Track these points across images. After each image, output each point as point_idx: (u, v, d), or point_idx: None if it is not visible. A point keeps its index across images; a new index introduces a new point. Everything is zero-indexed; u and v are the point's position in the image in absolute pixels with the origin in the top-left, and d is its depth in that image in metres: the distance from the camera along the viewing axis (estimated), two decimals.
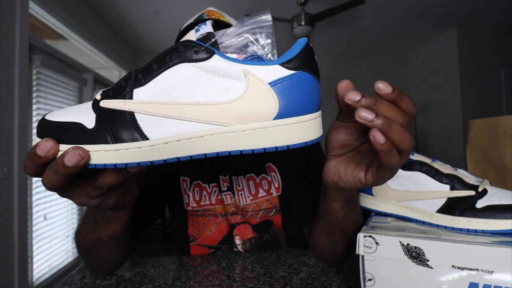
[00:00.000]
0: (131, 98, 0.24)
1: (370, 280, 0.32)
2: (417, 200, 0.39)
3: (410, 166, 0.40)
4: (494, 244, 0.28)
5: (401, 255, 0.30)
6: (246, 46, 0.25)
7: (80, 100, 2.23)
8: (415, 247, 0.30)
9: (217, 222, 0.66)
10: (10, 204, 1.48)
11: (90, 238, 0.44)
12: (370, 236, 0.32)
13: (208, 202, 0.67)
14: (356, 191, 0.44)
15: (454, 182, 0.38)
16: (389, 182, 0.42)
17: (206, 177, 0.68)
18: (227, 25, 0.62)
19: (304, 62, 0.24)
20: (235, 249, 0.66)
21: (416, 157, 0.41)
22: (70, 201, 2.04)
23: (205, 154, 0.25)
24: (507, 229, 0.32)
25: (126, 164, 0.24)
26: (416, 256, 0.30)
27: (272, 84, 0.24)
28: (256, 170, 0.67)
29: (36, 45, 1.70)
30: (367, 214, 0.45)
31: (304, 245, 0.65)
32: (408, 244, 0.30)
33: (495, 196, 0.35)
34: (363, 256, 0.32)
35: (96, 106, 0.26)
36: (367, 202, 0.44)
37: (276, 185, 0.67)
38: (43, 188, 1.75)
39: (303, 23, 2.36)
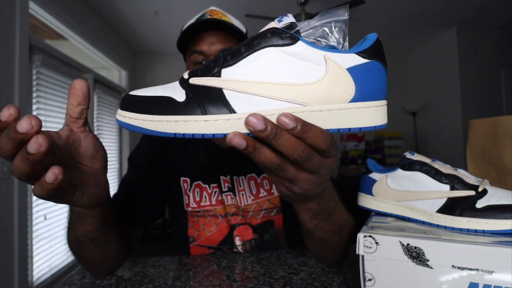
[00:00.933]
0: (219, 76, 0.27)
1: (370, 280, 0.32)
2: (417, 200, 0.39)
3: (410, 166, 0.40)
4: (494, 244, 0.28)
5: (401, 255, 0.30)
6: (322, 36, 0.28)
7: None
8: (415, 247, 0.30)
9: (217, 223, 0.66)
10: (10, 204, 1.48)
11: (70, 236, 0.44)
12: (370, 236, 0.32)
13: (208, 203, 0.66)
14: (331, 203, 0.40)
15: (454, 182, 0.37)
16: (389, 182, 0.42)
17: (206, 177, 0.68)
18: (229, 25, 0.62)
19: (377, 53, 0.27)
20: (235, 250, 0.66)
21: (416, 157, 0.41)
22: None
23: None
24: (507, 229, 0.32)
25: (213, 135, 0.26)
26: (416, 256, 0.30)
27: (350, 70, 0.26)
28: (257, 170, 0.67)
29: (36, 45, 1.70)
30: (367, 214, 0.45)
31: (304, 245, 0.66)
32: (408, 244, 0.30)
33: (495, 196, 0.35)
34: (363, 256, 0.32)
35: (184, 83, 0.28)
36: (367, 202, 0.44)
37: None
38: None
39: None
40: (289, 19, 0.27)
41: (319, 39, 0.28)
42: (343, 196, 0.53)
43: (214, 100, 0.26)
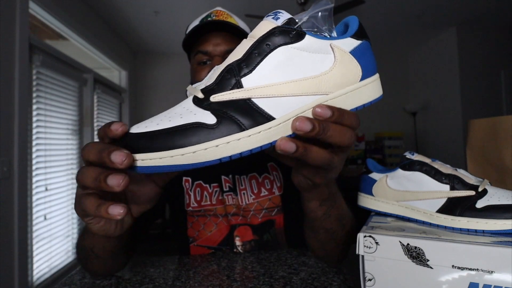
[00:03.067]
0: (241, 86, 0.26)
1: (370, 280, 0.32)
2: (417, 200, 0.39)
3: (410, 166, 0.40)
4: (494, 244, 0.28)
5: (401, 255, 0.30)
6: (314, 27, 0.29)
7: (80, 100, 2.23)
8: (415, 247, 0.30)
9: (218, 222, 0.66)
10: (10, 204, 1.48)
11: (79, 243, 0.44)
12: (370, 236, 0.32)
13: (208, 202, 0.66)
14: (335, 188, 0.43)
15: (454, 182, 0.37)
16: (389, 182, 0.42)
17: (207, 177, 0.68)
18: (235, 26, 0.62)
19: (364, 33, 0.30)
20: (235, 250, 0.66)
21: (416, 157, 0.41)
22: (70, 201, 2.04)
23: None
24: (507, 229, 0.32)
25: (261, 147, 0.26)
26: (416, 256, 0.30)
27: (352, 52, 0.29)
28: (258, 169, 0.67)
29: (36, 45, 1.70)
30: (367, 214, 0.45)
31: (304, 245, 0.65)
32: (408, 244, 0.30)
33: (495, 196, 0.35)
34: (363, 256, 0.32)
35: (203, 103, 0.26)
36: (367, 202, 0.44)
37: (278, 184, 0.67)
38: (43, 188, 1.76)
39: None
40: (285, 15, 0.28)
41: (314, 30, 0.29)
42: (343, 196, 0.53)
43: (247, 112, 0.26)
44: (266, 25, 0.28)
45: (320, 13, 0.29)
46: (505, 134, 0.48)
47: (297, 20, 0.28)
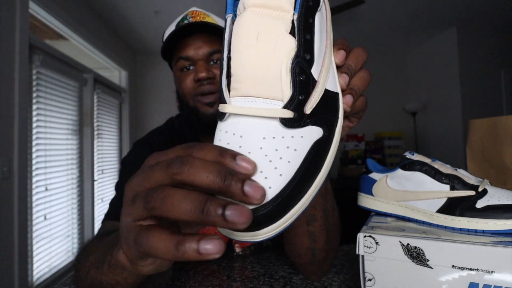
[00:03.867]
0: (315, 81, 0.22)
1: (370, 280, 0.32)
2: (417, 200, 0.39)
3: (410, 166, 0.40)
4: (494, 244, 0.28)
5: (401, 255, 0.30)
6: None
7: (80, 100, 2.23)
8: (415, 247, 0.30)
9: (216, 232, 0.65)
10: (10, 204, 1.48)
11: (91, 275, 0.34)
12: (370, 236, 0.32)
13: None
14: (329, 185, 0.44)
15: (454, 182, 0.37)
16: (389, 182, 0.42)
17: None
18: (214, 26, 0.59)
19: None
20: (235, 254, 0.65)
21: (416, 157, 0.41)
22: (70, 201, 2.04)
23: None
24: (507, 229, 0.32)
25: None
26: (416, 256, 0.30)
27: None
28: None
29: (36, 45, 1.70)
30: (367, 214, 0.45)
31: None
32: (408, 244, 0.30)
33: (495, 196, 0.35)
34: (363, 256, 0.32)
35: (302, 121, 0.21)
36: (367, 202, 0.44)
37: None
38: (43, 188, 1.76)
39: None
40: None
41: None
42: (343, 196, 0.53)
43: (336, 106, 0.24)
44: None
45: None
46: (505, 134, 0.48)
47: None
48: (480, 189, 0.36)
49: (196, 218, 0.17)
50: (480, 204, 0.35)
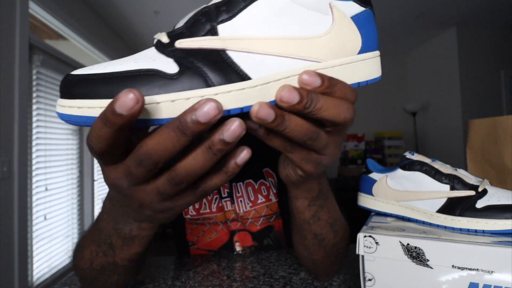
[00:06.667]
0: (216, 34, 0.22)
1: (370, 280, 0.32)
2: (417, 200, 0.39)
3: (410, 166, 0.40)
4: (494, 244, 0.28)
5: (401, 255, 0.30)
6: None
7: None
8: (415, 247, 0.30)
9: (218, 230, 0.65)
10: (10, 204, 1.48)
11: (98, 263, 0.35)
12: (370, 236, 0.32)
13: (208, 210, 0.65)
14: (326, 186, 0.39)
15: (454, 182, 0.37)
16: (389, 182, 0.42)
17: None
18: None
19: (369, 0, 0.25)
20: (235, 253, 0.65)
21: (416, 157, 0.41)
22: (70, 201, 2.04)
23: None
24: (507, 229, 0.32)
25: (229, 111, 0.21)
26: (416, 256, 0.30)
27: (354, 18, 0.24)
28: (254, 175, 0.66)
29: (36, 45, 1.70)
30: (367, 214, 0.45)
31: None
32: (408, 244, 0.30)
33: (495, 196, 0.35)
34: (363, 256, 0.32)
35: (167, 49, 0.22)
36: (367, 202, 0.44)
37: (275, 191, 0.66)
38: (43, 188, 1.76)
39: None
40: None
41: None
42: (343, 196, 0.53)
43: (219, 66, 0.21)
44: None
45: None
46: (505, 134, 0.48)
47: None
48: (480, 189, 0.36)
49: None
50: (480, 204, 0.35)
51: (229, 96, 0.21)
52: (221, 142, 0.19)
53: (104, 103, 0.19)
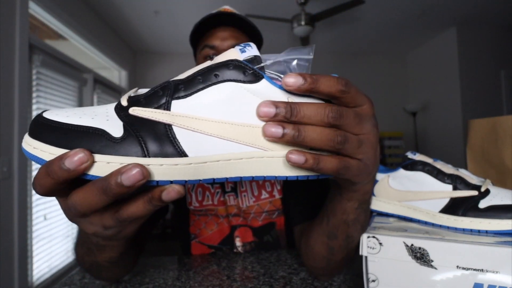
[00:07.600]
0: (168, 109, 0.23)
1: (373, 281, 0.32)
2: (420, 200, 0.39)
3: (412, 166, 0.40)
4: (498, 244, 0.28)
5: (405, 256, 0.30)
6: (283, 73, 0.26)
7: (80, 100, 2.22)
8: (420, 248, 0.30)
9: (219, 222, 0.66)
10: (10, 204, 1.48)
11: (86, 261, 0.40)
12: (373, 237, 0.32)
13: (210, 202, 0.66)
14: (371, 189, 0.38)
15: (457, 182, 0.37)
16: (391, 182, 0.42)
17: None
18: (243, 19, 0.63)
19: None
20: (235, 250, 0.65)
21: (418, 157, 0.41)
22: None
23: (240, 177, 0.24)
24: (510, 229, 0.32)
25: (157, 182, 0.22)
26: (421, 256, 0.30)
27: None
28: None
29: (36, 45, 1.70)
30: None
31: None
32: (412, 244, 0.30)
33: (498, 196, 0.35)
34: (366, 257, 0.32)
35: (122, 112, 0.23)
36: None
37: (279, 187, 0.66)
38: None
39: (303, 23, 2.35)
40: (253, 51, 0.25)
41: (280, 75, 0.26)
42: None
43: (160, 139, 0.22)
44: (230, 54, 0.24)
45: (296, 61, 0.26)
46: (505, 134, 0.48)
47: (263, 60, 0.25)
48: (482, 189, 0.36)
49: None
50: (483, 204, 0.35)
51: (161, 169, 0.22)
52: (116, 184, 0.21)
53: (54, 150, 0.21)
